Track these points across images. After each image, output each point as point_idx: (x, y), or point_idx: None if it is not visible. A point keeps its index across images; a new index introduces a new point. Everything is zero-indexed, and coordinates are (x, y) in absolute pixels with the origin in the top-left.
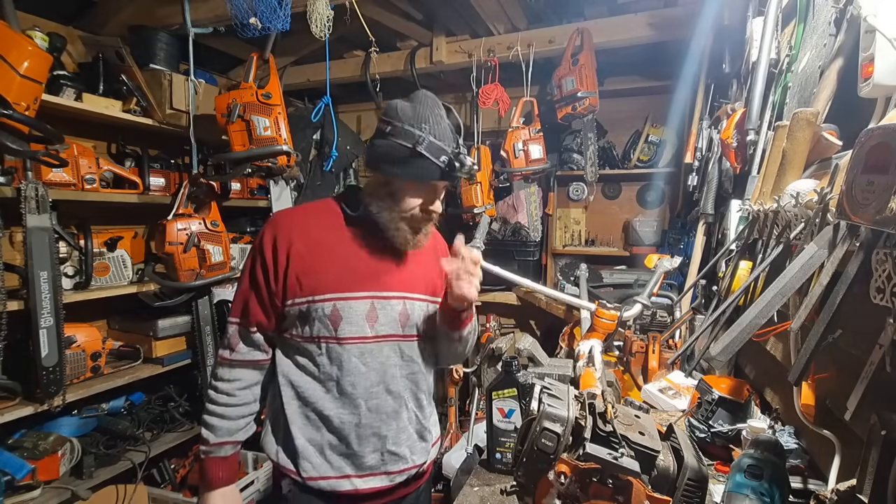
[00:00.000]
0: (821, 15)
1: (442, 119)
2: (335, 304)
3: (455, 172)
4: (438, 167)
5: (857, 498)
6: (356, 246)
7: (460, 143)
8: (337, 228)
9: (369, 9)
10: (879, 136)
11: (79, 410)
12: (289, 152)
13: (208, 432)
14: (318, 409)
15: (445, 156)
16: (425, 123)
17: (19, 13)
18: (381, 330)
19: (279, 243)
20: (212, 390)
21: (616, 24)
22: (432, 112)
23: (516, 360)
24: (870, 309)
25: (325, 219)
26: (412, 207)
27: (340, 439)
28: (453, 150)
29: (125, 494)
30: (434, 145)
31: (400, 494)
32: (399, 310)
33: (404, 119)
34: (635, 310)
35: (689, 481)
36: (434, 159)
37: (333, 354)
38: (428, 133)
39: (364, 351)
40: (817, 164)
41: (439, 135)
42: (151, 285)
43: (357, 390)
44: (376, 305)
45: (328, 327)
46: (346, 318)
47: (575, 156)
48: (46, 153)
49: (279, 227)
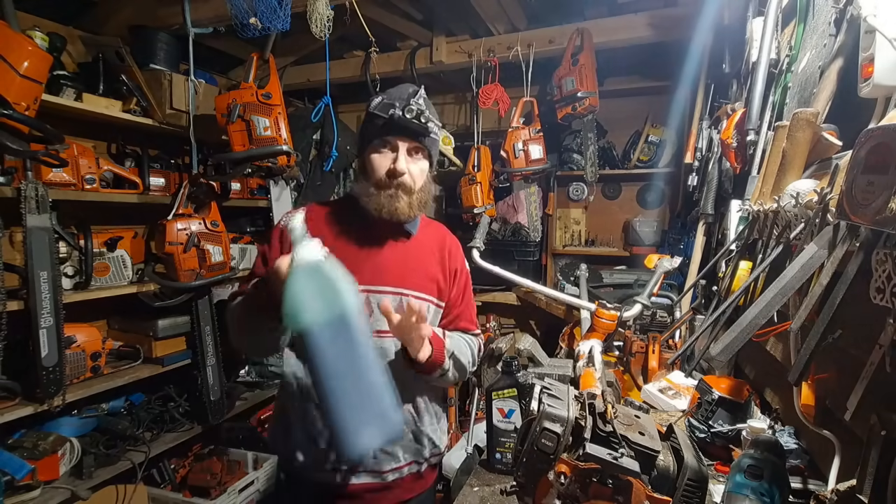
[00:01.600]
0: (821, 15)
1: (403, 90)
2: None
3: (400, 121)
4: (387, 121)
5: (857, 498)
6: (356, 239)
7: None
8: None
9: (369, 9)
10: (879, 136)
11: (79, 410)
12: (289, 152)
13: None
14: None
15: (393, 109)
16: (382, 94)
17: (19, 13)
18: (378, 325)
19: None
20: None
21: (616, 24)
22: (398, 88)
23: (516, 360)
24: (870, 309)
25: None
26: (377, 172)
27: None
28: (402, 103)
29: (125, 494)
30: (384, 104)
31: (399, 497)
32: (395, 306)
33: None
34: (635, 310)
35: (689, 481)
36: (382, 114)
37: None
38: (383, 99)
39: None
40: (817, 164)
41: (394, 96)
42: (151, 285)
43: None
44: (371, 300)
45: None
46: None
47: (575, 156)
48: (46, 153)
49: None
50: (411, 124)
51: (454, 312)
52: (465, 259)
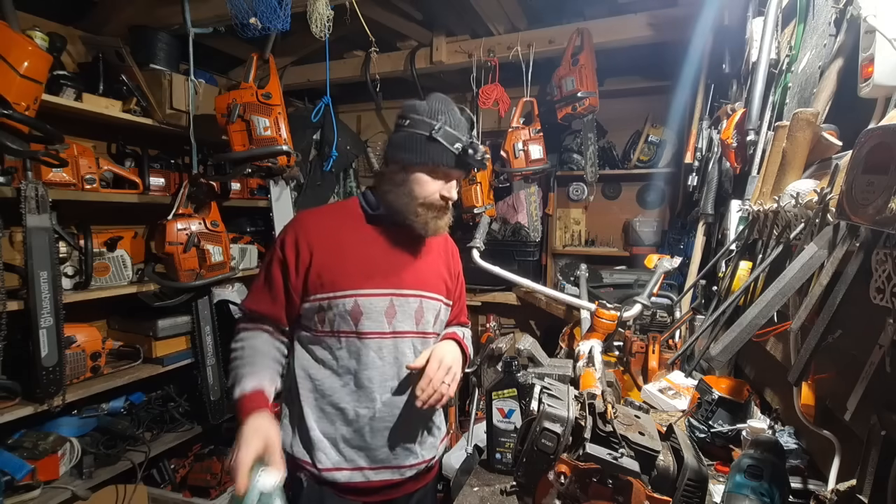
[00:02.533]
0: (821, 15)
1: (455, 113)
2: (356, 301)
3: (468, 160)
4: (452, 153)
5: (857, 498)
6: (376, 243)
7: (474, 136)
8: (358, 227)
9: (369, 9)
10: (879, 136)
11: (79, 410)
12: (289, 152)
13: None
14: (335, 401)
15: (460, 143)
16: (441, 115)
17: (19, 13)
18: (399, 326)
19: (300, 241)
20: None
21: (616, 24)
22: (446, 106)
23: (516, 360)
24: (870, 309)
25: (347, 218)
26: (429, 193)
27: (355, 432)
28: (467, 139)
29: (125, 494)
30: (449, 133)
31: (410, 489)
32: (416, 307)
33: (421, 112)
34: (635, 310)
35: (689, 481)
36: (449, 146)
37: (353, 348)
38: (443, 123)
39: (382, 346)
40: (817, 164)
41: (454, 125)
42: (151, 285)
43: (374, 384)
44: (395, 302)
45: (349, 322)
46: (366, 313)
47: (575, 156)
48: (46, 153)
49: (301, 226)
50: (477, 164)
51: (455, 310)
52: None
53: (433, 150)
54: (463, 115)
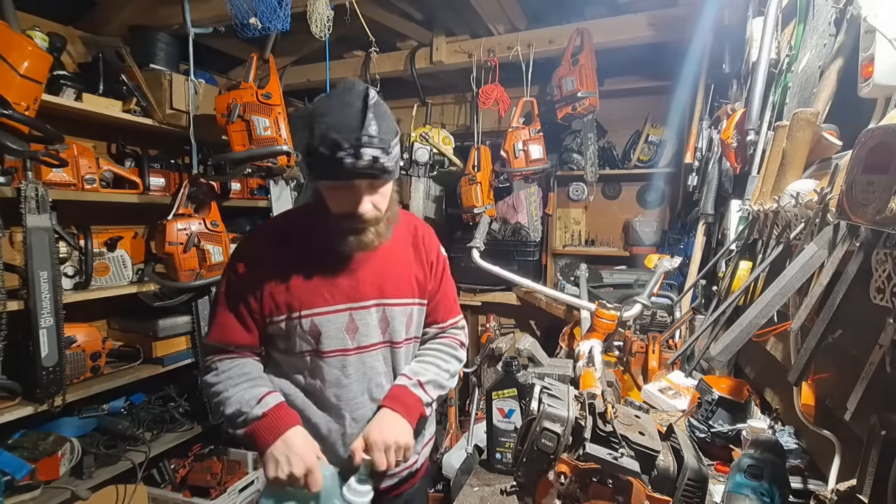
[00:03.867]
0: (821, 15)
1: (348, 107)
2: (312, 321)
3: (355, 168)
4: (336, 164)
5: (857, 498)
6: (327, 256)
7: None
8: (306, 242)
9: (369, 9)
10: (879, 136)
11: (79, 410)
12: (289, 152)
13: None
14: (307, 416)
15: (343, 151)
16: (327, 116)
17: (19, 13)
18: (364, 341)
19: (250, 267)
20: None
21: (616, 24)
22: (340, 99)
23: (516, 360)
24: (870, 309)
25: (295, 233)
26: (337, 210)
27: (328, 446)
28: (353, 141)
29: (125, 494)
30: (328, 139)
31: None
32: (378, 317)
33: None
34: (635, 310)
35: (689, 481)
36: (331, 154)
37: (315, 368)
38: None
39: (346, 363)
40: (817, 164)
41: (339, 125)
42: (151, 285)
43: (341, 402)
44: (355, 316)
45: (310, 342)
46: (325, 332)
47: (575, 156)
48: (46, 153)
49: (249, 251)
50: (364, 174)
51: (431, 305)
52: (439, 244)
53: (318, 162)
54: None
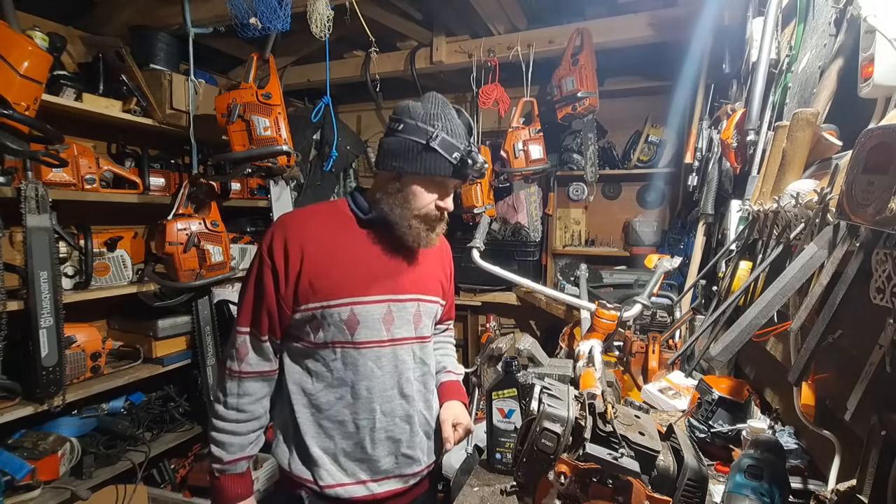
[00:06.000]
0: (821, 15)
1: (453, 118)
2: (352, 309)
3: (467, 170)
4: (450, 163)
5: (857, 498)
6: (370, 248)
7: (472, 143)
8: (349, 230)
9: (369, 9)
10: (879, 136)
11: (79, 410)
12: (289, 152)
13: (220, 450)
14: (332, 415)
15: (457, 153)
16: (437, 121)
17: (19, 13)
18: (398, 333)
19: (290, 246)
20: (220, 405)
21: (616, 24)
22: (443, 111)
23: (516, 360)
24: (870, 309)
25: (336, 221)
26: (424, 205)
27: (356, 444)
28: (465, 147)
29: (125, 494)
30: (446, 142)
31: (415, 495)
32: (413, 312)
33: (416, 117)
34: (635, 310)
35: (689, 481)
36: (447, 155)
37: (349, 359)
38: (440, 130)
39: (380, 355)
40: (817, 164)
41: (451, 132)
42: (151, 285)
43: (372, 394)
44: (393, 308)
45: (344, 332)
46: (363, 322)
47: (575, 156)
48: (46, 153)
49: (289, 230)
50: (476, 175)
51: (446, 308)
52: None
53: (429, 160)
54: (461, 119)
